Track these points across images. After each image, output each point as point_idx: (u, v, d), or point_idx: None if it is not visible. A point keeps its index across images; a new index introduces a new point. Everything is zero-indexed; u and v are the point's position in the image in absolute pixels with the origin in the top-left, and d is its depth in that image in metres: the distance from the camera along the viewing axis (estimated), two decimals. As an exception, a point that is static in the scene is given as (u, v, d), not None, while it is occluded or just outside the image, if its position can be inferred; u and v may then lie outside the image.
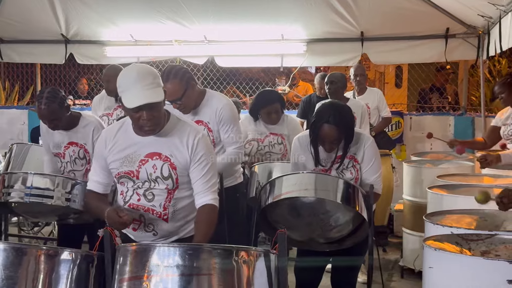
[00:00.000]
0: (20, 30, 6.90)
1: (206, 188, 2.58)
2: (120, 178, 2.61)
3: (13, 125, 7.82)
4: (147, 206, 2.58)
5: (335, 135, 3.08)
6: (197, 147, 2.56)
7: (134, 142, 2.58)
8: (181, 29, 6.55)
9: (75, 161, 3.72)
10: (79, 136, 3.68)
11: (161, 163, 2.55)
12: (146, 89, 2.43)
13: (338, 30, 6.29)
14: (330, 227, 3.20)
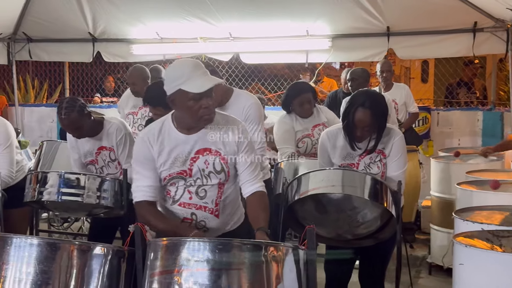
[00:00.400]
0: (49, 29, 7.02)
1: (253, 177, 2.64)
2: (171, 180, 2.58)
3: (43, 123, 7.95)
4: (199, 204, 2.59)
5: (369, 120, 3.06)
6: (242, 137, 2.61)
7: (181, 141, 2.56)
8: (206, 26, 6.58)
9: (109, 164, 3.77)
10: (105, 140, 3.73)
11: (212, 158, 2.57)
12: (206, 74, 2.51)
13: (363, 26, 6.24)
14: (358, 223, 3.19)
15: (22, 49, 7.28)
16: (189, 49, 6.89)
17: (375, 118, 3.07)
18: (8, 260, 2.17)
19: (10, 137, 3.86)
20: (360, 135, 3.12)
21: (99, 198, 3.54)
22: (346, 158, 3.25)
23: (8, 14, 6.74)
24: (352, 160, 3.24)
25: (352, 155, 3.24)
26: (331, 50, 6.48)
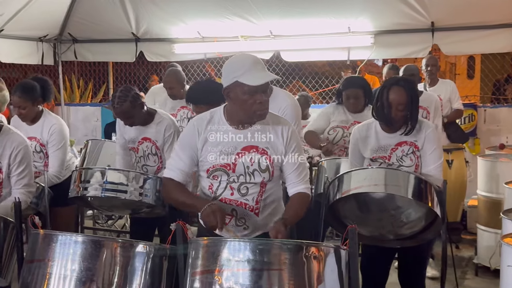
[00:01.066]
0: (93, 30, 7.16)
1: (299, 179, 2.63)
2: (214, 172, 2.59)
3: (88, 122, 8.12)
4: (240, 201, 2.60)
5: (403, 99, 3.05)
6: (291, 138, 2.60)
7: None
8: (247, 24, 6.59)
9: (148, 156, 3.82)
10: (152, 132, 3.78)
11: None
12: (264, 70, 2.53)
13: (407, 21, 6.13)
14: (402, 223, 3.13)
15: (67, 49, 7.45)
16: (230, 48, 6.90)
17: (409, 97, 3.06)
18: (54, 257, 2.22)
19: (64, 139, 4.01)
20: (394, 116, 3.08)
21: (141, 195, 3.59)
22: (378, 151, 3.21)
23: (54, 16, 6.92)
24: (384, 153, 3.20)
25: (384, 148, 3.20)
26: (374, 47, 6.38)
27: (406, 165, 3.15)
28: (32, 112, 3.95)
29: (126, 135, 3.90)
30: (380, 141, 3.20)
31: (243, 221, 2.62)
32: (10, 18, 6.32)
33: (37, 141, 3.99)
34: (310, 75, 8.40)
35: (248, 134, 2.58)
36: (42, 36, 7.14)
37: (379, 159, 3.21)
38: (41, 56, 7.25)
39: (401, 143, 3.17)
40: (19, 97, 3.87)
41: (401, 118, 3.09)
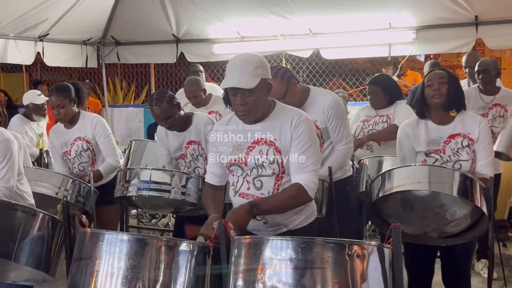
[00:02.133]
0: (135, 32, 7.29)
1: (301, 168, 2.54)
2: (230, 167, 2.66)
3: (131, 123, 8.26)
4: (256, 195, 2.61)
5: (442, 74, 3.15)
6: (299, 125, 2.56)
7: (242, 130, 2.64)
8: (286, 23, 6.58)
9: (197, 158, 3.87)
10: (194, 134, 3.83)
11: (266, 148, 2.58)
12: (243, 74, 2.49)
13: (450, 15, 6.00)
14: (446, 221, 3.07)
15: (110, 52, 7.60)
16: (269, 47, 6.91)
17: (448, 77, 3.14)
18: (101, 255, 2.26)
19: (107, 128, 4.14)
20: (437, 88, 3.11)
21: (184, 195, 3.64)
22: (431, 144, 3.17)
23: (97, 20, 7.07)
24: (437, 146, 3.16)
25: (436, 141, 3.16)
26: (416, 42, 6.27)
27: (463, 158, 3.11)
28: (70, 111, 4.03)
29: (170, 146, 3.92)
30: (431, 134, 3.17)
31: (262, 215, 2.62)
32: (55, 22, 6.49)
33: (82, 139, 4.08)
34: (350, 72, 8.32)
35: (259, 128, 2.62)
36: (86, 39, 7.31)
37: (433, 153, 3.16)
38: (85, 59, 7.42)
39: (454, 135, 3.14)
40: (56, 96, 3.97)
41: (446, 93, 3.10)
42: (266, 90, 2.57)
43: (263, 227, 2.65)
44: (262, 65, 2.55)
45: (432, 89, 3.13)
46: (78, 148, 4.08)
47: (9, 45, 6.29)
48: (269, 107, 2.63)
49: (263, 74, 2.54)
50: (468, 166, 3.10)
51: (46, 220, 2.73)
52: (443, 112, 3.16)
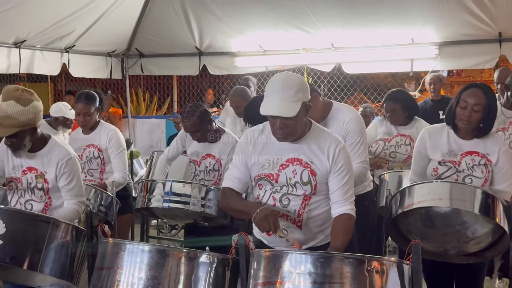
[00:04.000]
0: (159, 45, 7.38)
1: (344, 198, 2.59)
2: (259, 180, 2.66)
3: (153, 134, 8.35)
4: (281, 212, 2.62)
5: (480, 99, 3.00)
6: (338, 157, 2.58)
7: (276, 147, 2.63)
8: (308, 37, 6.61)
9: (209, 172, 3.91)
10: (216, 150, 3.88)
11: (301, 169, 2.58)
12: (284, 100, 2.48)
13: (473, 32, 5.97)
14: (467, 239, 3.04)
15: (134, 64, 7.70)
16: (291, 61, 6.94)
17: (487, 99, 3.00)
18: (122, 265, 2.30)
19: (122, 144, 4.21)
20: (468, 115, 3.00)
21: (203, 207, 3.67)
22: (447, 154, 3.14)
23: (122, 32, 7.18)
24: (453, 158, 3.12)
25: (454, 153, 3.13)
26: (438, 58, 6.24)
27: (477, 175, 3.08)
28: (93, 119, 4.15)
29: (190, 147, 4.00)
30: (451, 145, 3.14)
31: (285, 232, 2.62)
32: (81, 34, 6.61)
33: (95, 147, 4.17)
34: (372, 87, 8.31)
35: (294, 147, 2.60)
36: (111, 51, 7.41)
37: (448, 163, 3.14)
38: (110, 71, 7.52)
39: (472, 152, 3.11)
40: (84, 103, 4.09)
41: (477, 120, 3.03)
42: (305, 112, 2.57)
43: (285, 244, 2.65)
44: (303, 88, 2.53)
45: (463, 112, 3.03)
46: (89, 154, 4.17)
47: (36, 56, 6.41)
48: (305, 127, 2.63)
49: (303, 97, 2.53)
50: (479, 183, 3.08)
51: (70, 230, 2.78)
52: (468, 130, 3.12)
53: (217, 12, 6.73)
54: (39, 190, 3.05)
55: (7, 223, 2.61)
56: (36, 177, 3.04)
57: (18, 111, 2.85)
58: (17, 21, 5.77)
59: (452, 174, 3.13)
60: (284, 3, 6.31)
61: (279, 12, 6.44)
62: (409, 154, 4.27)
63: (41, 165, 3.04)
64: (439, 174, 3.16)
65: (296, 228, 2.63)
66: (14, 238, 2.62)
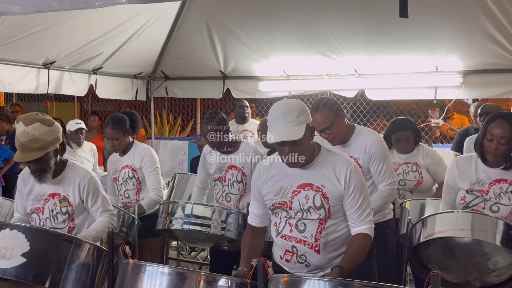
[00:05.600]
0: (184, 68, 7.48)
1: (361, 219, 2.61)
2: (274, 209, 2.69)
3: (175, 155, 8.40)
4: (298, 237, 2.63)
5: (506, 130, 3.01)
6: (350, 179, 2.59)
7: (287, 174, 2.67)
8: (331, 63, 6.63)
9: (233, 184, 3.95)
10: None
11: (313, 193, 2.60)
12: (287, 126, 2.53)
13: (498, 61, 5.93)
14: (489, 270, 3.01)
15: (159, 86, 7.80)
16: (314, 86, 6.97)
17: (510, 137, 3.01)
18: (142, 286, 2.33)
19: (155, 162, 4.26)
20: (495, 148, 3.02)
21: (223, 230, 3.69)
22: (476, 183, 3.14)
23: (148, 55, 7.30)
24: (481, 187, 3.12)
25: (482, 182, 3.12)
26: (463, 86, 6.22)
27: (504, 203, 3.06)
28: (123, 142, 4.21)
29: (211, 168, 4.06)
30: (479, 174, 3.14)
31: (304, 258, 2.62)
32: (108, 57, 6.74)
33: (129, 167, 4.23)
34: (395, 114, 8.29)
35: (305, 173, 2.63)
36: (137, 73, 7.54)
37: (475, 192, 3.13)
38: (135, 92, 7.64)
39: (500, 180, 3.10)
40: (111, 129, 4.16)
41: (503, 152, 3.03)
42: (310, 133, 2.62)
43: (305, 269, 2.65)
44: (303, 111, 2.59)
45: (490, 145, 3.05)
46: (125, 175, 4.23)
47: (64, 77, 6.56)
48: (314, 151, 2.66)
49: (306, 119, 2.58)
50: (507, 211, 3.06)
51: (92, 250, 2.82)
52: None
53: (242, 36, 6.82)
54: (63, 215, 3.10)
55: (31, 242, 2.67)
56: (60, 202, 3.09)
57: (45, 132, 2.94)
58: (47, 43, 5.92)
59: (479, 202, 3.12)
60: (308, 29, 6.37)
61: (303, 37, 6.50)
62: (418, 180, 4.29)
63: (62, 189, 3.11)
64: (467, 202, 3.15)
65: (314, 253, 2.62)
66: (38, 256, 2.68)
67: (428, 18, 5.70)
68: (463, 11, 5.65)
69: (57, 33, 5.78)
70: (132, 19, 6.25)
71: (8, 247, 2.65)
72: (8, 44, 5.56)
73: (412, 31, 5.91)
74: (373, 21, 6.00)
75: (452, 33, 5.88)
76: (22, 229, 2.73)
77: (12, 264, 2.63)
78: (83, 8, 2.14)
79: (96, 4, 2.07)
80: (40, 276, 2.68)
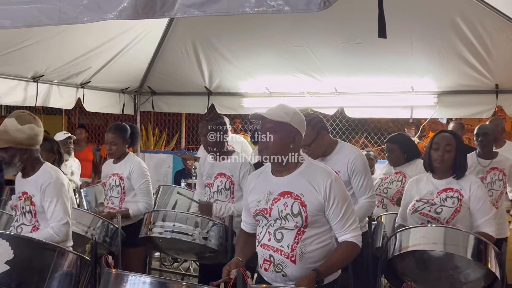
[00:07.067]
0: (170, 84, 7.47)
1: (345, 228, 2.61)
2: (256, 216, 2.71)
3: (160, 168, 8.38)
4: (276, 247, 2.63)
5: (451, 140, 3.23)
6: (330, 190, 2.59)
7: (270, 183, 2.70)
8: (312, 81, 6.69)
9: (221, 191, 3.95)
10: (228, 167, 3.94)
11: (292, 201, 2.61)
12: (273, 110, 2.64)
13: (471, 83, 6.04)
14: (460, 283, 3.04)
15: (146, 101, 7.78)
16: (296, 103, 6.93)
17: (456, 141, 3.24)
18: (123, 295, 2.30)
19: (145, 175, 4.28)
20: (441, 155, 3.21)
21: (205, 240, 3.68)
22: (427, 194, 3.30)
23: (135, 70, 7.29)
24: (430, 196, 3.28)
25: (431, 192, 3.29)
26: (437, 106, 6.31)
27: (447, 205, 3.19)
28: (120, 149, 4.26)
29: (205, 171, 4.09)
30: (429, 187, 3.31)
31: (280, 267, 2.62)
32: (97, 71, 6.71)
33: (117, 175, 4.24)
34: (373, 131, 8.38)
35: (286, 181, 2.66)
36: (124, 88, 7.51)
37: (423, 200, 3.27)
38: (122, 106, 7.60)
39: (447, 189, 3.25)
40: (113, 133, 4.23)
41: (449, 159, 3.20)
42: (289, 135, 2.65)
43: (282, 279, 2.63)
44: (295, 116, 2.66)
45: (436, 153, 3.24)
46: (112, 182, 4.25)
47: (52, 90, 6.51)
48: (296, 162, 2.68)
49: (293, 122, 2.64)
50: (448, 213, 3.17)
51: (75, 259, 2.79)
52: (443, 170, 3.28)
53: (227, 54, 6.84)
54: (28, 213, 3.11)
55: (15, 249, 2.64)
56: (25, 200, 3.10)
57: (14, 128, 2.99)
58: (37, 56, 5.88)
59: (426, 207, 3.25)
60: (291, 49, 6.42)
61: (286, 57, 6.54)
62: (397, 189, 4.45)
63: (29, 188, 3.12)
64: (415, 208, 3.28)
65: (291, 263, 2.60)
66: (21, 264, 2.65)
67: (404, 40, 5.78)
68: (438, 34, 5.73)
69: (46, 47, 5.75)
70: (120, 35, 6.24)
71: (-8, 255, 2.62)
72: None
73: (390, 53, 6.00)
74: (352, 42, 6.06)
75: (428, 55, 5.97)
76: (6, 237, 2.70)
77: (-5, 272, 2.59)
78: (72, 23, 2.13)
79: (85, 19, 2.06)
80: (23, 284, 2.66)
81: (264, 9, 1.84)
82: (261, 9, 1.84)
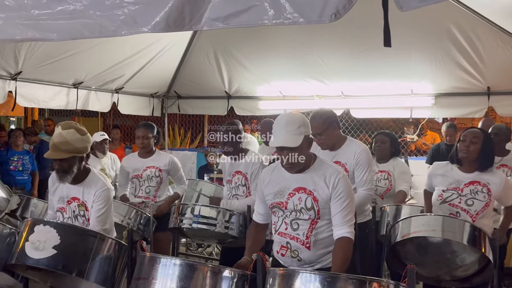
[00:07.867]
0: (194, 89, 7.51)
1: (343, 222, 2.58)
2: (272, 208, 2.70)
3: (185, 164, 8.41)
4: (292, 235, 2.63)
5: (477, 134, 3.15)
6: (338, 185, 2.59)
7: (285, 179, 2.68)
8: (321, 86, 6.68)
9: (238, 187, 3.96)
10: (243, 165, 3.96)
11: (305, 196, 2.61)
12: (288, 134, 2.56)
13: (464, 86, 5.99)
14: (457, 266, 3.03)
15: (172, 104, 7.83)
16: (306, 105, 6.97)
17: (484, 135, 3.14)
18: (157, 276, 2.33)
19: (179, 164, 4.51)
20: (467, 146, 3.11)
21: (227, 229, 3.70)
22: (452, 184, 3.20)
23: (164, 77, 7.35)
24: (457, 185, 3.18)
25: (458, 182, 3.18)
26: (434, 107, 6.27)
27: (479, 198, 3.11)
28: (150, 144, 4.35)
29: (226, 170, 4.13)
30: (455, 177, 3.21)
31: (296, 253, 2.63)
32: (129, 78, 6.77)
33: (156, 168, 4.34)
34: (376, 130, 8.31)
35: (300, 178, 2.65)
36: (154, 93, 7.57)
37: (451, 190, 3.18)
38: (152, 109, 7.66)
39: (473, 182, 3.15)
40: (144, 129, 4.34)
41: (475, 151, 3.10)
42: (307, 144, 2.63)
43: (297, 263, 2.64)
44: (304, 124, 2.61)
45: (463, 144, 3.15)
46: (151, 173, 4.31)
47: (91, 95, 6.58)
48: (310, 159, 2.67)
49: (305, 131, 2.60)
50: (479, 206, 3.11)
51: (114, 244, 2.82)
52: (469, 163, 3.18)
53: (245, 62, 6.86)
54: (82, 217, 3.08)
55: (61, 236, 2.67)
56: (79, 206, 3.07)
57: (76, 139, 2.95)
58: (76, 66, 5.95)
59: (455, 198, 3.15)
60: (302, 56, 6.42)
61: (297, 64, 6.54)
62: (387, 187, 4.34)
63: (81, 195, 3.06)
64: (444, 198, 3.19)
65: (305, 249, 2.62)
66: (67, 249, 2.67)
67: (404, 47, 5.74)
68: (435, 41, 5.69)
69: (85, 57, 5.81)
70: (149, 46, 6.28)
71: (41, 240, 2.65)
72: (43, 66, 5.58)
73: (391, 59, 5.96)
74: (357, 49, 6.04)
75: (425, 60, 5.93)
76: (54, 225, 2.73)
77: (45, 255, 2.63)
78: (111, 36, 2.15)
79: (122, 32, 2.08)
80: (68, 266, 2.68)
81: (281, 21, 1.84)
82: (278, 21, 1.84)
